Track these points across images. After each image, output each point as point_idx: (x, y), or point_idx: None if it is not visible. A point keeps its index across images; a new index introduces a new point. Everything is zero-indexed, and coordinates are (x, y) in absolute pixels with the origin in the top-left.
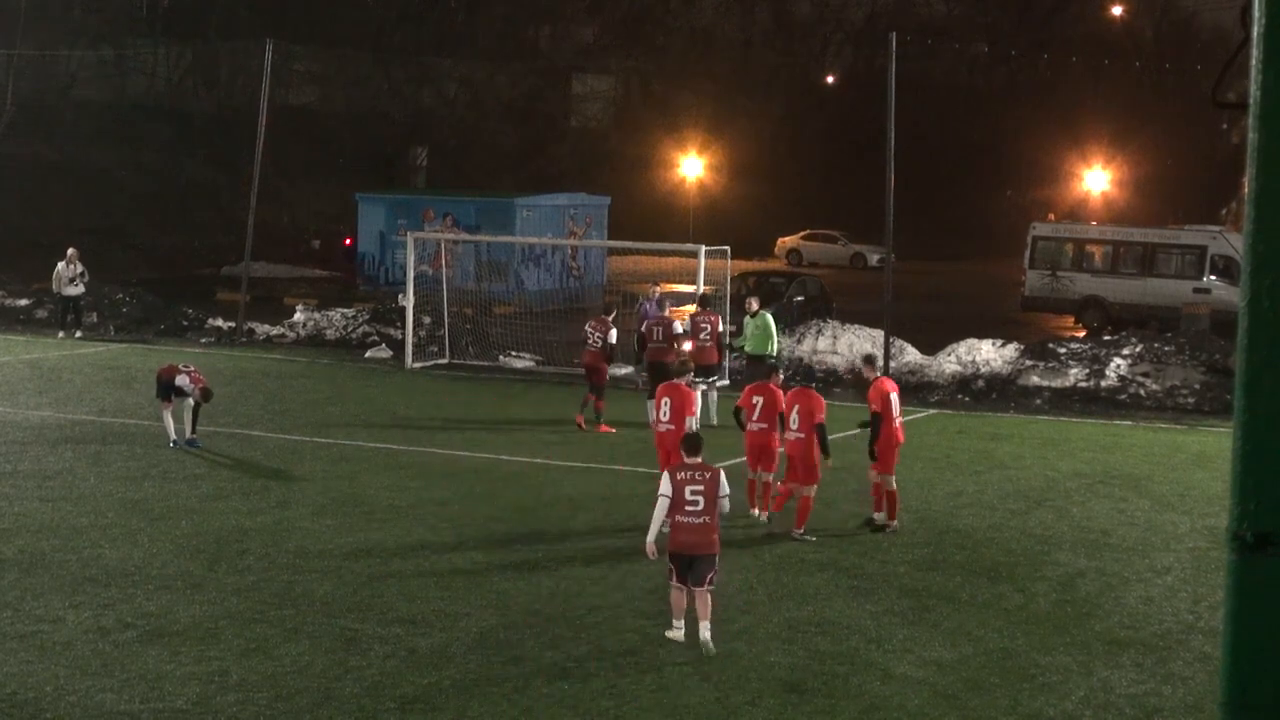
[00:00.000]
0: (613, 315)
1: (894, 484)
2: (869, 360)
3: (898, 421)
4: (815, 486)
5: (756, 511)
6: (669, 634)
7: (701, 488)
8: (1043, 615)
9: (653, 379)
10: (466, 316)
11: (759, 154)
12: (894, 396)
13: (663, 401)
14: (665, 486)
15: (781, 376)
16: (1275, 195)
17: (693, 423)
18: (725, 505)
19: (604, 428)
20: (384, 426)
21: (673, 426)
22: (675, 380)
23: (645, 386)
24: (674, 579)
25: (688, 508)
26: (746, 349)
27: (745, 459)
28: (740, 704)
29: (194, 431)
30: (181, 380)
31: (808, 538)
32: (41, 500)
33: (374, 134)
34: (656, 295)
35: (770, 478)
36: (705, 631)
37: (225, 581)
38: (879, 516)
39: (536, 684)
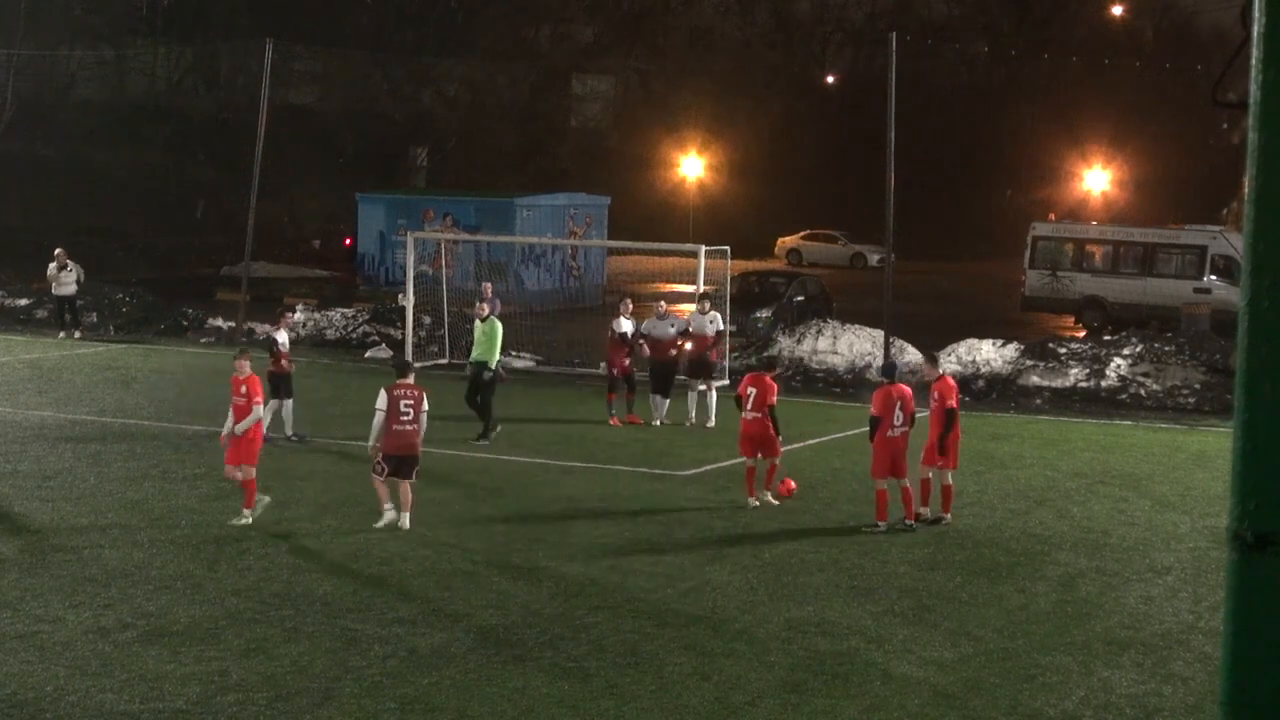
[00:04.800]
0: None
1: (881, 485)
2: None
3: (899, 427)
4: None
5: (753, 500)
6: (382, 522)
7: (412, 402)
8: (1043, 615)
9: (654, 379)
10: (466, 316)
11: (759, 154)
12: (899, 406)
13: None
14: (381, 402)
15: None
16: (1275, 195)
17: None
18: (424, 419)
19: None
20: None
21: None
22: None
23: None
24: (384, 474)
25: (402, 418)
26: (472, 357)
27: (740, 446)
28: (740, 704)
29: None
30: (281, 335)
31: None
32: (41, 500)
33: (374, 134)
34: (663, 309)
35: (777, 461)
36: (405, 520)
37: (225, 581)
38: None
39: (536, 684)
